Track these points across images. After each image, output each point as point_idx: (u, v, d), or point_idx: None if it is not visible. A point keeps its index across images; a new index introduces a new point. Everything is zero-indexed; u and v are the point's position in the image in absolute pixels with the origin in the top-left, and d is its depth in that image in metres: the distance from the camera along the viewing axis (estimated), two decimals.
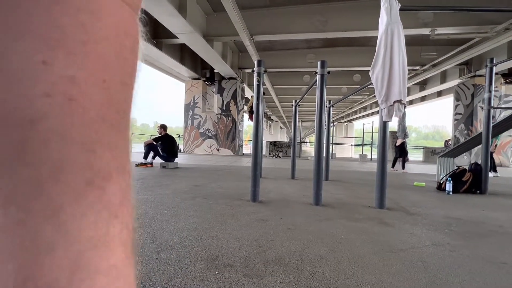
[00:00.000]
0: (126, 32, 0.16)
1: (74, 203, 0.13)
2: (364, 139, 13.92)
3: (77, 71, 0.14)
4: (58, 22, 0.13)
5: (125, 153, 0.16)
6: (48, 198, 0.12)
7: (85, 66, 0.14)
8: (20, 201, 0.12)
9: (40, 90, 0.13)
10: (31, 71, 0.13)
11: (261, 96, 2.59)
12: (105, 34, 0.14)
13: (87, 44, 0.14)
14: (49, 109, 0.13)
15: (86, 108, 0.14)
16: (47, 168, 0.13)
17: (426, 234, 1.64)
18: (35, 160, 0.13)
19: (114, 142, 0.15)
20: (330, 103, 4.57)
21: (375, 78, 2.25)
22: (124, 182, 0.16)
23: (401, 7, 2.25)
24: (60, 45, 0.13)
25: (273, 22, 7.48)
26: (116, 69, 0.15)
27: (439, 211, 2.30)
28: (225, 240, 1.39)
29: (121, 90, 0.16)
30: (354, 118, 27.77)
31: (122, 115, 0.16)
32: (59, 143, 0.13)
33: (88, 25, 0.14)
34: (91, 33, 0.14)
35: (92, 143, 0.14)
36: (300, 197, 2.65)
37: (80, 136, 0.14)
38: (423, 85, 12.82)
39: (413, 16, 6.54)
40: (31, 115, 0.13)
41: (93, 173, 0.14)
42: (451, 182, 3.26)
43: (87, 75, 0.14)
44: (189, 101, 12.06)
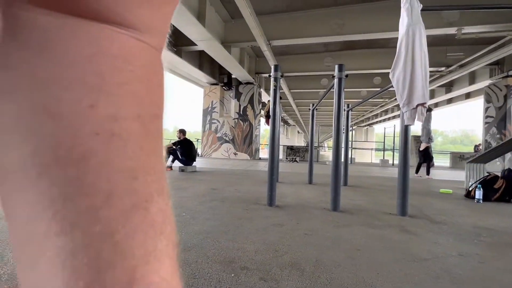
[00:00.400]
0: (153, 71, 0.18)
1: (125, 224, 0.15)
2: (385, 143, 13.43)
3: (117, 110, 0.16)
4: (99, 69, 0.15)
5: (162, 176, 0.18)
6: (104, 223, 0.14)
7: (122, 104, 0.16)
8: (83, 226, 0.14)
9: (89, 130, 0.15)
10: (81, 114, 0.15)
11: (277, 101, 2.60)
12: (136, 75, 0.16)
13: (122, 85, 0.16)
14: (98, 146, 0.15)
15: (126, 141, 0.16)
16: (101, 197, 0.15)
17: (452, 243, 1.55)
18: (91, 190, 0.14)
19: (152, 168, 0.17)
20: (348, 107, 4.48)
21: (395, 81, 2.18)
22: (164, 202, 0.18)
23: (423, 7, 2.18)
24: (102, 89, 0.15)
25: (290, 26, 7.50)
26: (148, 103, 0.17)
27: (467, 220, 2.16)
28: (242, 243, 1.40)
29: (153, 121, 0.18)
30: (375, 121, 26.89)
31: (155, 142, 0.18)
32: (108, 174, 0.15)
33: (123, 69, 0.16)
34: (125, 75, 0.16)
35: (134, 171, 0.16)
36: (317, 202, 2.61)
37: (124, 166, 0.16)
38: (449, 87, 12.17)
39: (437, 16, 6.28)
40: (84, 152, 0.15)
41: (137, 197, 0.16)
42: (481, 189, 3.06)
43: (124, 112, 0.16)
44: (207, 106, 12.33)
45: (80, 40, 0.15)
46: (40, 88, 0.14)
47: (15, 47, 0.15)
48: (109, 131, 0.15)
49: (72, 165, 0.14)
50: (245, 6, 5.49)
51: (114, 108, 0.16)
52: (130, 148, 0.16)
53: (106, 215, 0.15)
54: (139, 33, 0.17)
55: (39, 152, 0.14)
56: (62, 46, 0.15)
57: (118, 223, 0.15)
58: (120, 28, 0.16)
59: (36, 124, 0.14)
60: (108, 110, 0.15)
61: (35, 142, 0.14)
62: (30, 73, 0.15)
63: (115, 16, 0.16)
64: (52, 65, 0.15)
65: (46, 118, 0.14)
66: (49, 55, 0.15)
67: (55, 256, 0.14)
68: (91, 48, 0.15)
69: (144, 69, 0.17)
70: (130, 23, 0.17)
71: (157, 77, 0.18)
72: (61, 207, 0.14)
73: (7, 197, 0.16)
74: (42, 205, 0.14)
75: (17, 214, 0.15)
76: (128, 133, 0.16)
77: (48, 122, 0.14)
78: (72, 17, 0.15)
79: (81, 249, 0.14)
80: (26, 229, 0.15)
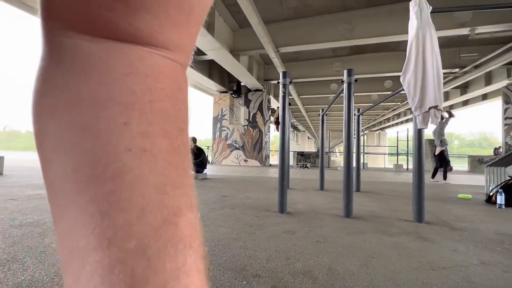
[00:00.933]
0: (179, 87, 0.19)
1: (157, 240, 0.15)
2: (398, 147, 13.10)
3: (148, 126, 0.17)
4: (132, 88, 0.16)
5: (190, 189, 0.19)
6: (138, 238, 0.15)
7: (152, 121, 0.17)
8: (119, 242, 0.15)
9: (123, 146, 0.16)
10: (117, 132, 0.16)
11: (287, 107, 2.61)
12: (165, 93, 0.18)
13: (153, 103, 0.17)
14: (132, 161, 0.16)
15: (156, 156, 0.17)
16: (135, 212, 0.15)
17: (473, 251, 1.48)
18: (126, 205, 0.15)
19: (180, 182, 0.18)
20: (359, 111, 4.42)
21: (406, 84, 2.15)
22: (192, 215, 0.18)
23: (432, 9, 2.16)
24: (134, 107, 0.16)
25: (298, 33, 7.56)
26: (174, 119, 0.18)
27: (489, 226, 2.06)
28: (253, 251, 1.39)
29: (179, 136, 0.18)
30: (387, 126, 26.33)
31: (183, 156, 0.19)
32: (141, 189, 0.16)
33: (153, 87, 0.17)
34: (155, 93, 0.17)
35: (164, 185, 0.17)
36: (329, 209, 2.56)
37: (155, 180, 0.16)
38: (465, 88, 11.82)
39: (449, 17, 6.16)
40: (119, 168, 0.15)
41: (167, 211, 0.16)
42: (503, 194, 2.92)
43: (154, 129, 0.17)
44: (217, 113, 12.49)
45: (116, 62, 0.16)
46: (81, 108, 0.16)
47: (59, 71, 0.16)
48: (141, 147, 0.16)
49: (108, 181, 0.15)
50: (253, 15, 5.60)
51: (145, 124, 0.16)
52: (160, 163, 0.17)
53: (140, 231, 0.15)
54: (168, 52, 0.18)
55: (78, 169, 0.15)
56: (100, 68, 0.16)
57: (150, 238, 0.15)
58: (151, 48, 0.18)
59: (76, 142, 0.16)
60: (140, 127, 0.16)
61: (76, 159, 0.15)
62: (72, 94, 0.16)
63: (148, 38, 0.17)
64: (92, 86, 0.16)
65: (86, 135, 0.15)
66: (89, 77, 0.16)
67: (94, 271, 0.14)
68: (125, 68, 0.17)
69: (172, 85, 0.18)
70: (161, 44, 0.18)
71: (182, 93, 0.19)
72: (99, 222, 0.15)
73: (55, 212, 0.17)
74: (82, 220, 0.15)
75: (62, 229, 0.16)
76: (158, 148, 0.17)
77: (88, 140, 0.15)
78: (109, 41, 0.17)
79: (117, 264, 0.14)
80: (70, 243, 0.16)
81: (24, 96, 28.01)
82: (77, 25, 0.16)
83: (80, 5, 0.16)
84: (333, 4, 6.88)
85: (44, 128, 0.17)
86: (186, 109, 0.20)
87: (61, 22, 0.16)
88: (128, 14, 0.16)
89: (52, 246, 1.35)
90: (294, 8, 7.11)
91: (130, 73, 0.17)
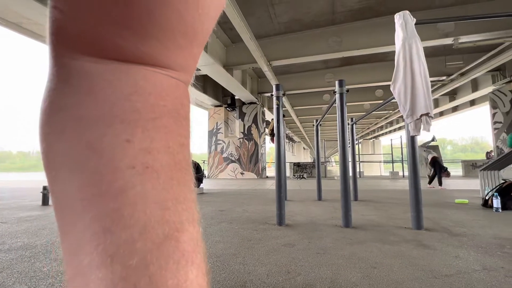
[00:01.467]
0: (181, 104, 0.19)
1: (159, 256, 0.15)
2: (393, 155, 13.22)
3: (150, 143, 0.17)
4: (135, 106, 0.17)
5: (192, 204, 0.19)
6: (141, 255, 0.15)
7: (155, 137, 0.17)
8: (122, 260, 0.15)
9: (126, 164, 0.16)
10: (119, 149, 0.16)
11: (281, 119, 2.63)
12: (167, 110, 0.18)
13: (155, 120, 0.17)
14: (134, 178, 0.16)
15: (159, 172, 0.17)
16: (138, 228, 0.15)
17: (474, 257, 1.47)
18: (129, 222, 0.15)
19: (182, 197, 0.18)
20: (352, 120, 4.49)
21: (397, 93, 2.20)
22: (194, 230, 0.18)
23: (416, 21, 2.25)
24: (138, 125, 0.17)
25: (289, 47, 7.77)
26: (176, 134, 0.19)
27: (488, 231, 2.06)
28: (253, 266, 1.36)
29: (181, 151, 0.19)
30: (380, 134, 26.69)
31: (184, 171, 0.19)
32: (144, 206, 0.16)
33: (156, 105, 0.17)
34: (158, 110, 0.17)
35: (166, 201, 0.17)
36: (328, 219, 2.54)
37: (157, 196, 0.16)
38: (453, 95, 12.15)
39: (433, 28, 6.43)
40: (123, 185, 0.16)
41: (169, 226, 0.16)
42: (498, 198, 2.94)
43: (156, 145, 0.17)
44: (212, 127, 12.52)
45: (120, 81, 0.17)
46: (87, 127, 0.16)
47: (66, 92, 0.17)
48: (144, 164, 0.16)
49: (112, 198, 0.15)
50: (245, 31, 5.75)
51: (148, 141, 0.17)
52: (162, 179, 0.17)
53: (142, 247, 0.15)
54: (172, 72, 0.19)
55: (84, 186, 0.16)
56: (106, 88, 0.17)
57: (153, 255, 0.15)
58: (156, 68, 0.18)
59: (82, 160, 0.16)
60: (143, 144, 0.17)
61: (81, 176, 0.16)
62: (78, 113, 0.16)
63: (153, 60, 0.18)
64: (97, 105, 0.16)
65: (91, 154, 0.16)
66: (94, 97, 0.16)
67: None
68: (129, 88, 0.17)
69: (174, 102, 0.19)
70: (165, 65, 0.19)
71: (184, 109, 0.20)
72: (102, 240, 0.15)
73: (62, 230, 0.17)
74: (86, 238, 0.15)
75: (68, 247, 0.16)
76: (160, 164, 0.17)
77: (92, 158, 0.16)
78: (114, 62, 0.17)
79: (119, 282, 0.14)
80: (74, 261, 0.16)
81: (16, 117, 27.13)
82: (86, 48, 0.17)
83: (90, 31, 0.16)
84: (322, 19, 7.13)
85: (52, 147, 0.17)
86: (188, 124, 0.20)
87: (70, 46, 0.17)
88: (135, 40, 0.17)
89: (43, 271, 1.29)
90: (285, 23, 7.34)
91: (134, 92, 0.17)
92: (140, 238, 0.15)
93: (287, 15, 6.98)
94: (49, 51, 0.17)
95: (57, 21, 0.17)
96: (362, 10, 6.75)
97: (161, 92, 0.18)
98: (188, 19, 0.17)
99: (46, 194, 3.56)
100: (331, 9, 6.74)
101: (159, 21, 0.16)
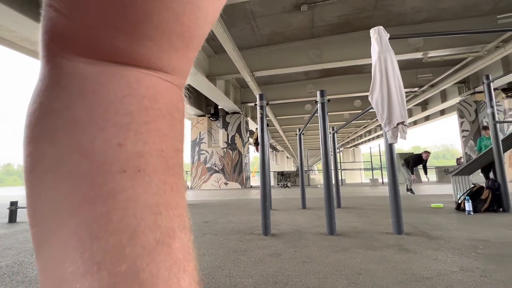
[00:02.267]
0: (176, 108, 0.19)
1: (150, 262, 0.15)
2: (372, 162, 13.71)
3: (143, 146, 0.16)
4: (128, 109, 0.16)
5: (184, 210, 0.18)
6: (130, 261, 0.14)
7: (148, 141, 0.17)
8: (109, 266, 0.14)
9: (118, 167, 0.15)
10: (111, 153, 0.15)
11: (265, 128, 2.66)
12: (161, 113, 0.18)
13: (149, 123, 0.17)
14: (125, 182, 0.15)
15: (151, 176, 0.16)
16: (127, 234, 0.15)
17: (451, 259, 1.53)
18: (118, 227, 0.15)
19: (174, 202, 0.17)
20: (333, 129, 4.62)
21: (374, 102, 2.31)
22: (186, 237, 0.18)
23: (390, 36, 2.40)
24: (130, 128, 0.16)
25: (272, 58, 7.96)
26: (170, 139, 0.18)
27: (462, 233, 2.17)
28: (239, 278, 1.32)
29: (175, 156, 0.18)
30: (360, 142, 27.68)
31: (177, 176, 0.18)
32: (134, 210, 0.15)
33: (149, 108, 0.17)
34: (151, 114, 0.17)
35: (158, 206, 0.16)
36: (313, 227, 2.55)
37: (149, 200, 0.16)
38: (425, 105, 12.95)
39: (405, 43, 6.89)
40: (113, 189, 0.15)
41: (160, 232, 0.16)
42: (470, 201, 3.12)
43: (149, 149, 0.17)
44: (195, 137, 12.35)
45: (114, 83, 0.17)
46: (78, 130, 0.15)
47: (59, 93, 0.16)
48: (136, 168, 0.16)
49: (101, 203, 0.15)
50: (227, 42, 5.82)
51: (140, 145, 0.16)
52: (154, 183, 0.16)
53: (132, 253, 0.14)
54: (166, 75, 0.19)
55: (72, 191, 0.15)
56: (100, 90, 0.16)
57: (143, 261, 0.14)
58: (150, 71, 0.18)
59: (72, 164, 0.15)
60: (135, 147, 0.16)
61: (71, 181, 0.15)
62: (71, 116, 0.16)
63: (148, 62, 0.18)
64: (89, 108, 0.16)
65: (82, 158, 0.15)
66: (86, 99, 0.16)
67: None
68: (123, 90, 0.17)
69: (168, 106, 0.18)
70: (159, 67, 0.18)
71: (178, 113, 0.19)
72: (88, 246, 0.14)
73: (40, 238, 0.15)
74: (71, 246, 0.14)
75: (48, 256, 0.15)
76: (152, 168, 0.16)
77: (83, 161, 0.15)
78: (108, 64, 0.17)
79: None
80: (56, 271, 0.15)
81: None
82: (80, 49, 0.16)
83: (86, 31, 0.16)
84: (303, 32, 7.41)
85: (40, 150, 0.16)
86: (183, 129, 0.20)
87: (64, 45, 0.16)
88: (131, 41, 0.16)
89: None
90: (267, 35, 7.54)
91: (128, 95, 0.17)
92: (129, 244, 0.14)
93: (269, 28, 7.18)
94: (42, 50, 0.17)
95: (51, 19, 0.16)
96: (341, 25, 7.11)
97: (155, 95, 0.18)
98: (185, 22, 0.17)
99: (13, 211, 3.30)
100: (311, 24, 7.04)
101: (156, 22, 0.16)
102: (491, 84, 3.48)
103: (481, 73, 8.43)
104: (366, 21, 6.90)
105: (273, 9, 6.39)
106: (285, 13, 6.55)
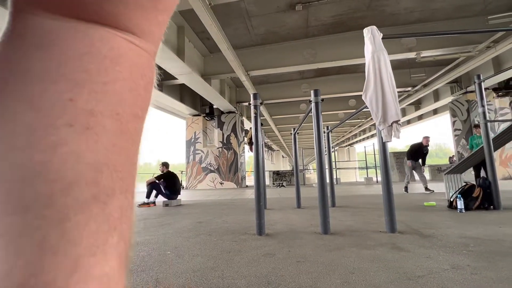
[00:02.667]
0: (141, 73, 0.19)
1: (79, 213, 0.15)
2: (367, 161, 13.82)
3: (96, 105, 0.16)
4: (86, 67, 0.16)
5: (131, 176, 0.18)
6: (57, 209, 0.15)
7: (102, 101, 0.17)
8: (36, 210, 0.14)
9: (64, 121, 0.16)
10: (60, 107, 0.16)
11: (259, 127, 2.65)
12: (122, 76, 0.18)
13: (107, 84, 0.17)
14: (70, 136, 0.16)
15: (99, 135, 0.16)
16: (60, 184, 0.15)
17: (443, 257, 1.55)
18: (53, 177, 0.15)
19: (120, 165, 0.17)
20: (328, 129, 4.64)
21: (369, 101, 2.32)
22: (126, 201, 0.18)
23: (383, 36, 2.41)
24: (85, 86, 0.16)
25: (266, 58, 7.95)
26: (129, 103, 0.18)
27: (454, 231, 2.20)
28: (232, 279, 1.31)
29: (133, 121, 0.18)
30: (355, 141, 27.89)
31: (131, 142, 0.18)
32: (74, 164, 0.15)
33: (109, 69, 0.17)
34: (111, 75, 0.17)
35: (100, 165, 0.16)
36: (307, 227, 2.55)
37: (92, 158, 0.16)
38: (418, 105, 13.11)
39: (398, 43, 6.95)
40: (55, 141, 0.15)
41: (98, 189, 0.16)
42: (461, 199, 3.16)
43: (103, 109, 0.17)
44: (190, 137, 12.28)
45: (75, 40, 0.16)
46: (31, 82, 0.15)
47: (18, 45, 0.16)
48: (84, 125, 0.16)
49: (39, 151, 0.15)
50: (222, 42, 5.79)
51: (93, 103, 0.16)
52: (102, 143, 0.16)
53: (62, 202, 0.15)
54: (133, 37, 0.18)
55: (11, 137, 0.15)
56: (59, 45, 0.16)
57: (72, 211, 0.15)
58: (116, 31, 0.18)
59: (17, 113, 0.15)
60: (87, 105, 0.16)
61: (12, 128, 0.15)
62: (25, 67, 0.16)
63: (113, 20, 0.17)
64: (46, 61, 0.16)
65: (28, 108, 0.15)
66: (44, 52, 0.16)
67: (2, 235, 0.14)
68: (84, 47, 0.17)
69: (132, 70, 0.18)
70: (126, 28, 0.18)
71: (144, 80, 0.19)
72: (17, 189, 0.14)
73: None
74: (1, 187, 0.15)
75: None
76: (103, 128, 0.17)
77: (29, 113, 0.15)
78: (74, 20, 0.17)
79: (29, 230, 0.14)
80: None
81: None
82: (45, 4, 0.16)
83: None
84: (297, 32, 7.42)
85: None
86: (147, 96, 0.19)
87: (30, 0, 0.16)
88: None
89: None
90: (261, 35, 7.52)
91: (88, 53, 0.17)
92: (61, 194, 0.15)
93: (264, 27, 7.17)
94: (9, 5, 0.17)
95: None
96: (335, 25, 7.14)
97: (118, 57, 0.17)
98: None
99: None
100: (305, 23, 7.05)
101: None
102: (482, 84, 3.53)
103: (472, 73, 8.57)
104: (360, 21, 6.94)
105: (268, 9, 6.39)
106: (279, 13, 6.55)
